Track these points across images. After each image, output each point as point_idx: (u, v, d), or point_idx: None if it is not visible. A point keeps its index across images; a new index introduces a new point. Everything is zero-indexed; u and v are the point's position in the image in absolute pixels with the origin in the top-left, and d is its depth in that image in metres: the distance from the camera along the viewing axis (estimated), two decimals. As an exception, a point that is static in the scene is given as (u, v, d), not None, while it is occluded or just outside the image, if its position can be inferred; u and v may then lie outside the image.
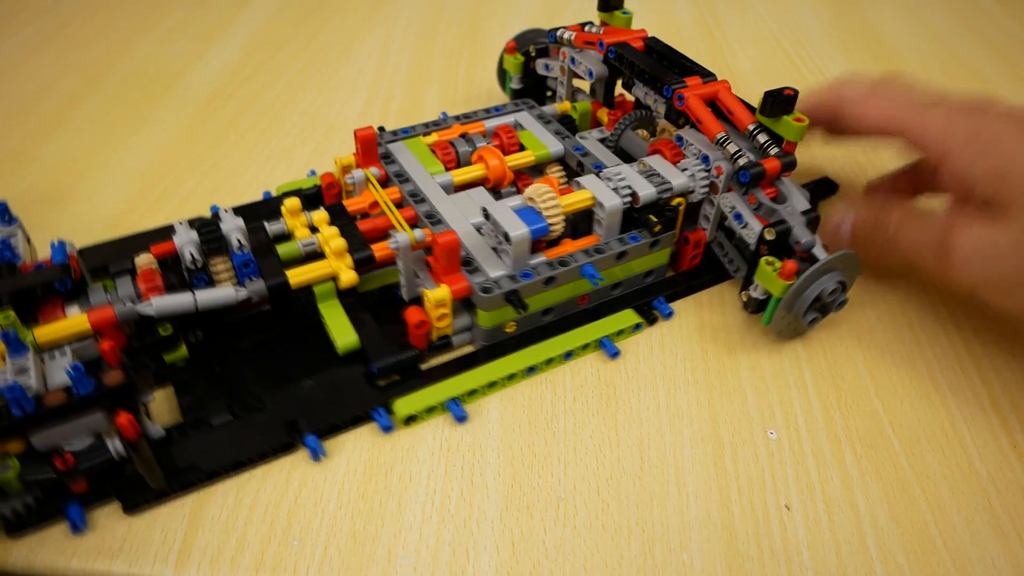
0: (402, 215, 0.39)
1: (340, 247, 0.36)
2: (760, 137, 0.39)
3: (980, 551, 0.31)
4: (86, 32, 0.72)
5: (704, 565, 0.30)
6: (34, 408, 0.27)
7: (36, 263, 0.34)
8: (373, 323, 0.37)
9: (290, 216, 0.38)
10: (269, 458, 0.33)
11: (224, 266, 0.36)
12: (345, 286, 0.36)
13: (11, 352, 0.30)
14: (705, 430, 0.35)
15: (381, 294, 0.39)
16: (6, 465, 0.28)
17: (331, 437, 0.34)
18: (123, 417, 0.28)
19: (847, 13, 0.78)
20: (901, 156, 0.43)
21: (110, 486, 0.31)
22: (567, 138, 0.46)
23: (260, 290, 0.35)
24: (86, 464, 0.29)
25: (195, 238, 0.35)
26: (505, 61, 0.55)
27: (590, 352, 0.39)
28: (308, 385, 0.35)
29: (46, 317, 0.33)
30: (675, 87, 0.42)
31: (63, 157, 0.54)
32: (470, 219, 0.39)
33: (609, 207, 0.38)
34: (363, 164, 0.43)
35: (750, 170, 0.38)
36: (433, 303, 0.35)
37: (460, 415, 0.35)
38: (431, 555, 0.30)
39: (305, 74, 0.65)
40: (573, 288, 0.38)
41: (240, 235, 0.35)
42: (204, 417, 0.34)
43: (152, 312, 0.33)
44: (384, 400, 0.35)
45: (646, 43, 0.47)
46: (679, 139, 0.42)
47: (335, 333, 0.36)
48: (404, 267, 0.37)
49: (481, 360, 0.37)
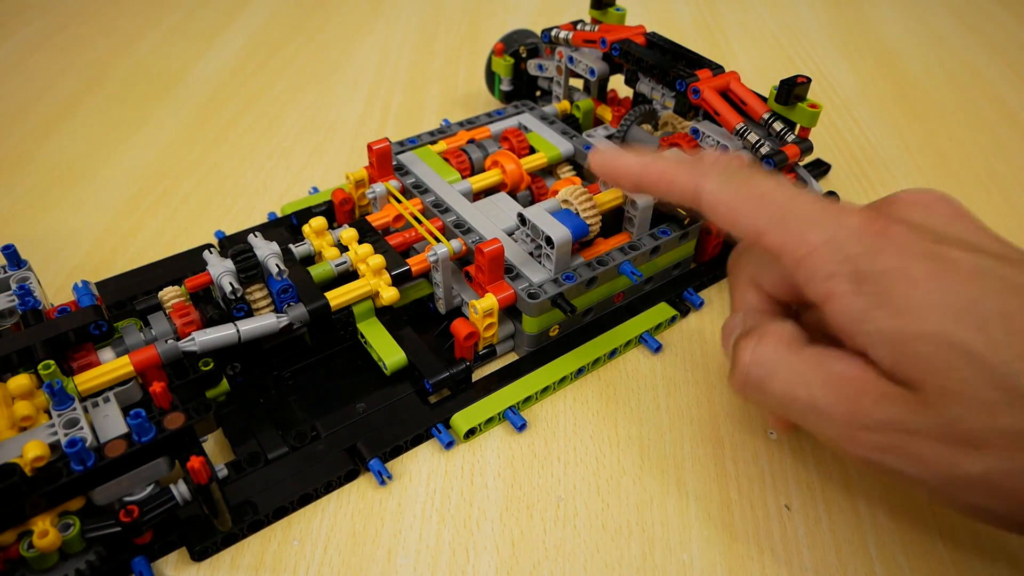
0: (425, 228, 0.39)
1: (379, 264, 0.36)
2: (776, 125, 0.41)
3: (980, 551, 0.31)
4: (86, 32, 0.72)
5: (704, 565, 0.30)
6: (95, 461, 0.26)
7: (59, 307, 0.32)
8: (417, 339, 0.36)
9: (316, 236, 0.38)
10: (334, 487, 0.32)
11: (261, 294, 0.34)
12: (387, 303, 0.36)
13: (56, 404, 0.28)
14: (705, 430, 0.35)
15: (415, 309, 0.39)
16: (67, 524, 0.26)
17: (393, 459, 0.34)
18: (195, 460, 0.26)
19: (847, 13, 0.78)
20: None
21: (173, 534, 0.30)
22: (575, 137, 0.46)
23: (301, 315, 0.34)
24: (152, 513, 0.27)
25: (231, 267, 0.33)
26: (494, 63, 0.55)
27: (632, 348, 0.39)
28: (361, 408, 0.35)
29: (79, 363, 0.31)
30: (689, 81, 0.42)
31: (63, 157, 0.54)
32: (500, 225, 0.39)
33: (642, 204, 0.38)
34: (378, 177, 0.42)
35: (774, 157, 0.39)
36: (482, 313, 0.35)
37: (519, 423, 0.34)
38: (431, 555, 0.30)
39: (305, 74, 0.65)
40: (611, 287, 0.39)
41: (277, 260, 0.34)
42: (259, 452, 0.32)
43: (196, 348, 0.31)
44: (440, 416, 0.34)
45: (647, 38, 0.47)
46: (695, 131, 0.43)
47: (382, 353, 0.35)
48: (443, 279, 0.37)
49: (527, 366, 0.37)
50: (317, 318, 0.34)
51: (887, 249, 0.25)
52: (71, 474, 0.25)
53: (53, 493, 0.25)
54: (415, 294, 0.39)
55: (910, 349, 0.24)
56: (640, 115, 0.46)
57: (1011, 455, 0.23)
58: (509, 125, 0.48)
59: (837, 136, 0.57)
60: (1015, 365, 0.23)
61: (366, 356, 0.37)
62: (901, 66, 0.68)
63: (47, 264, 0.44)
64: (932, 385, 0.23)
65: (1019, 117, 0.60)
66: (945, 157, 0.55)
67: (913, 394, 0.24)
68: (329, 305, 0.34)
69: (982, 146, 0.57)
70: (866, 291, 0.25)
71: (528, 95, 0.56)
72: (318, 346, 0.37)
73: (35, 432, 0.27)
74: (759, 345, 0.27)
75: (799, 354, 0.27)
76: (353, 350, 0.37)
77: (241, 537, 0.30)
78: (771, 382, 0.27)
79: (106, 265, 0.44)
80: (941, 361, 0.23)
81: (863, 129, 0.58)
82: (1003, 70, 0.67)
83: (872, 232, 0.25)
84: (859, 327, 0.25)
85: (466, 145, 0.46)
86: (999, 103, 0.62)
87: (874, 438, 0.25)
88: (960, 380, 0.23)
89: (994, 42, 0.72)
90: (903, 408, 0.24)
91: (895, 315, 0.24)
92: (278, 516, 0.31)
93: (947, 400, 0.23)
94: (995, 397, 0.23)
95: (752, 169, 0.29)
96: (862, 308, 0.25)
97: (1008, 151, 0.56)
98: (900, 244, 0.25)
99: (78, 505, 0.27)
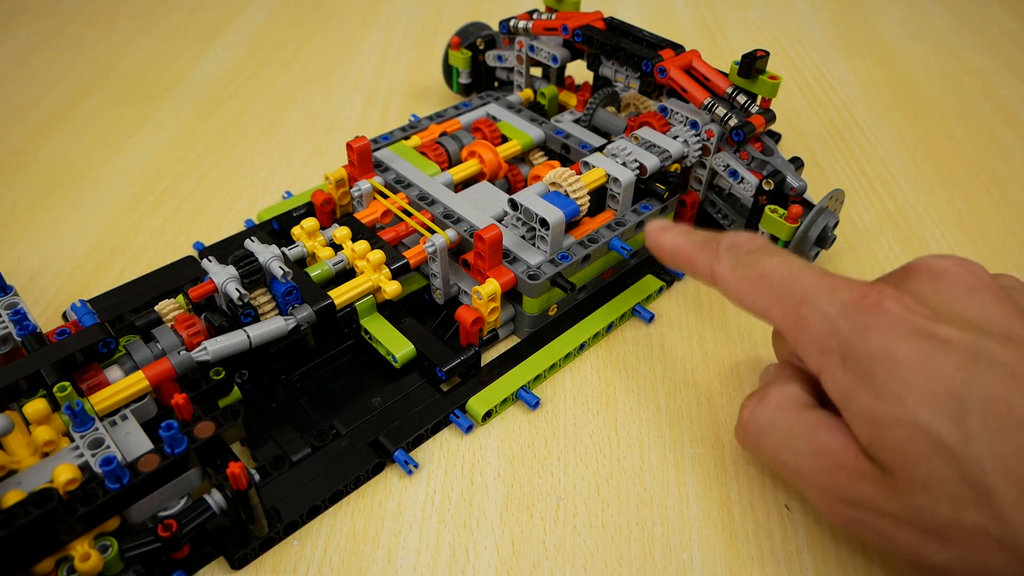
0: (416, 221, 0.40)
1: (379, 259, 0.36)
2: (740, 98, 0.43)
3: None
4: (86, 32, 0.72)
5: (704, 565, 0.30)
6: (130, 478, 0.25)
7: (58, 329, 0.32)
8: (422, 330, 0.37)
9: (308, 238, 0.38)
10: (363, 482, 0.32)
11: (265, 298, 0.34)
12: (391, 297, 0.36)
13: (77, 426, 0.28)
14: (705, 430, 0.35)
15: (411, 302, 0.39)
16: (105, 546, 0.26)
17: (416, 448, 0.34)
18: (235, 466, 0.26)
19: (847, 13, 0.78)
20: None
21: (209, 545, 0.29)
22: (543, 123, 0.48)
23: (308, 316, 0.34)
24: (191, 525, 0.27)
25: (234, 273, 0.33)
26: (451, 57, 0.56)
27: (626, 321, 0.40)
28: (377, 402, 0.35)
29: (88, 384, 0.30)
30: (655, 61, 0.44)
31: (63, 157, 0.54)
32: (488, 213, 0.40)
33: (625, 181, 0.39)
34: (359, 175, 0.42)
35: (743, 128, 0.41)
36: (486, 298, 0.36)
37: (533, 401, 0.35)
38: (431, 555, 0.30)
39: (305, 74, 0.65)
40: (603, 263, 0.40)
41: (280, 263, 0.34)
42: (282, 455, 0.32)
43: (209, 357, 0.31)
44: (455, 403, 0.35)
45: (606, 23, 0.49)
46: (663, 109, 0.44)
47: (390, 346, 0.36)
48: (441, 269, 0.37)
49: (529, 347, 0.38)
50: (323, 317, 0.34)
51: (876, 327, 0.24)
52: (107, 493, 0.25)
53: (91, 515, 0.25)
54: (410, 287, 0.39)
55: (885, 433, 0.24)
56: (604, 98, 0.48)
57: (974, 552, 0.22)
58: (478, 116, 0.49)
59: (837, 136, 0.57)
60: (985, 462, 0.22)
61: (369, 352, 0.37)
62: (901, 66, 0.68)
63: (46, 267, 0.44)
64: (902, 472, 0.23)
65: (1019, 117, 0.60)
66: (945, 157, 0.55)
67: (886, 477, 0.24)
68: (334, 304, 0.35)
69: (982, 146, 0.57)
70: (852, 369, 0.25)
71: (487, 87, 0.56)
72: (321, 346, 0.37)
73: (60, 456, 0.27)
74: (758, 406, 0.28)
75: (796, 418, 0.27)
76: (355, 348, 0.38)
77: (278, 540, 0.30)
78: (764, 443, 0.28)
79: (106, 266, 0.44)
80: (913, 449, 0.23)
81: (863, 129, 0.58)
82: (1003, 70, 0.67)
83: (864, 308, 0.25)
84: (845, 403, 0.25)
85: (441, 138, 0.46)
86: (999, 103, 0.62)
87: (849, 512, 0.26)
88: (929, 471, 0.23)
89: (994, 42, 0.72)
90: (876, 489, 0.24)
91: (875, 396, 0.24)
92: (312, 516, 0.31)
93: (915, 489, 0.23)
94: (962, 492, 0.22)
95: (761, 249, 0.29)
96: (848, 386, 0.25)
97: (1008, 151, 0.56)
98: (891, 322, 0.24)
99: (113, 526, 0.27)
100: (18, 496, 0.25)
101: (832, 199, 0.40)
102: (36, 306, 0.41)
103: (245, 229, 0.45)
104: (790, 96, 0.62)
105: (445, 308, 0.39)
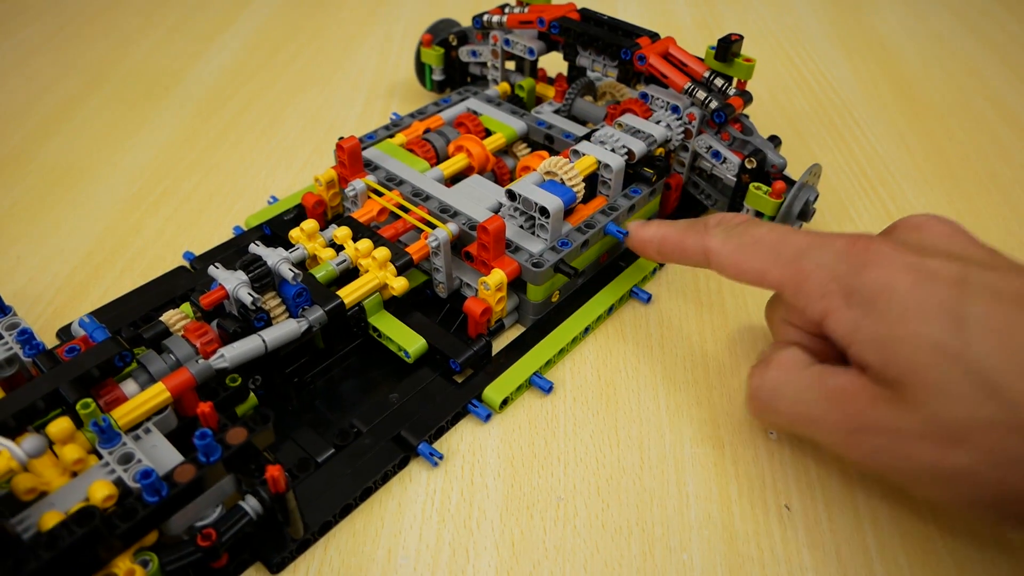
0: (414, 217, 0.40)
1: (384, 256, 0.36)
2: (717, 81, 0.44)
3: (980, 551, 0.31)
4: (86, 32, 0.72)
5: (704, 565, 0.30)
6: (168, 490, 0.25)
7: (67, 346, 0.31)
8: (431, 324, 0.37)
9: (308, 239, 0.38)
10: (391, 476, 0.33)
11: (275, 301, 0.34)
12: (398, 293, 0.36)
13: (104, 442, 0.27)
14: (705, 429, 0.35)
15: (412, 297, 0.39)
16: (145, 561, 0.26)
17: (437, 440, 0.35)
18: (273, 469, 0.26)
19: (847, 13, 0.78)
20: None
21: (245, 552, 0.29)
22: (524, 115, 0.48)
23: (319, 317, 0.34)
24: (230, 533, 0.27)
25: (244, 278, 0.33)
26: (423, 55, 0.56)
27: (625, 303, 0.42)
28: (394, 398, 0.35)
29: (105, 399, 0.30)
30: (633, 49, 0.45)
31: (63, 157, 0.54)
32: (483, 205, 0.40)
33: (615, 166, 0.40)
34: (350, 175, 0.42)
35: (724, 110, 0.42)
36: (493, 288, 0.36)
37: (547, 387, 0.36)
38: (431, 555, 0.30)
39: (305, 74, 0.65)
40: (600, 248, 0.41)
41: (290, 265, 0.34)
42: (306, 457, 0.32)
43: (227, 364, 0.31)
44: (471, 393, 0.36)
45: (581, 13, 0.49)
46: (644, 96, 0.45)
47: (401, 342, 0.36)
48: (444, 263, 0.38)
49: (534, 335, 0.38)
50: (333, 317, 0.35)
51: (871, 264, 0.27)
52: (147, 507, 0.25)
53: (132, 530, 0.25)
54: (412, 282, 0.39)
55: (893, 351, 0.26)
56: (581, 88, 0.49)
57: (991, 446, 0.24)
58: (459, 111, 0.49)
59: (837, 136, 0.57)
60: (991, 359, 0.24)
61: (378, 349, 0.37)
62: (901, 66, 0.68)
63: (43, 270, 0.44)
64: (914, 383, 0.25)
65: (1019, 117, 0.60)
66: (945, 157, 0.55)
67: (898, 394, 0.25)
68: (344, 303, 0.35)
69: (982, 146, 0.57)
70: (855, 303, 0.27)
71: (460, 83, 0.57)
72: (330, 347, 0.37)
73: (90, 474, 0.26)
74: (766, 371, 0.30)
75: (802, 374, 0.29)
76: (363, 346, 0.38)
77: (313, 542, 0.30)
78: (778, 403, 0.30)
79: (107, 265, 0.44)
80: (921, 359, 0.25)
81: (863, 129, 0.58)
82: (1003, 70, 0.67)
83: (857, 251, 0.28)
84: (852, 337, 0.27)
85: (427, 134, 0.47)
86: (999, 103, 0.62)
87: (867, 441, 0.27)
88: (938, 375, 0.24)
89: (994, 42, 0.72)
90: (890, 408, 0.26)
91: (880, 321, 0.26)
92: (344, 514, 0.31)
93: (928, 395, 0.25)
94: (972, 390, 0.24)
95: (749, 221, 0.32)
96: (853, 319, 0.27)
97: (1008, 151, 0.56)
98: (883, 259, 0.27)
99: (151, 540, 0.26)
100: (57, 517, 0.24)
101: (812, 174, 0.41)
102: (34, 309, 0.41)
103: (234, 236, 0.45)
104: (790, 96, 0.62)
105: (448, 302, 0.40)
